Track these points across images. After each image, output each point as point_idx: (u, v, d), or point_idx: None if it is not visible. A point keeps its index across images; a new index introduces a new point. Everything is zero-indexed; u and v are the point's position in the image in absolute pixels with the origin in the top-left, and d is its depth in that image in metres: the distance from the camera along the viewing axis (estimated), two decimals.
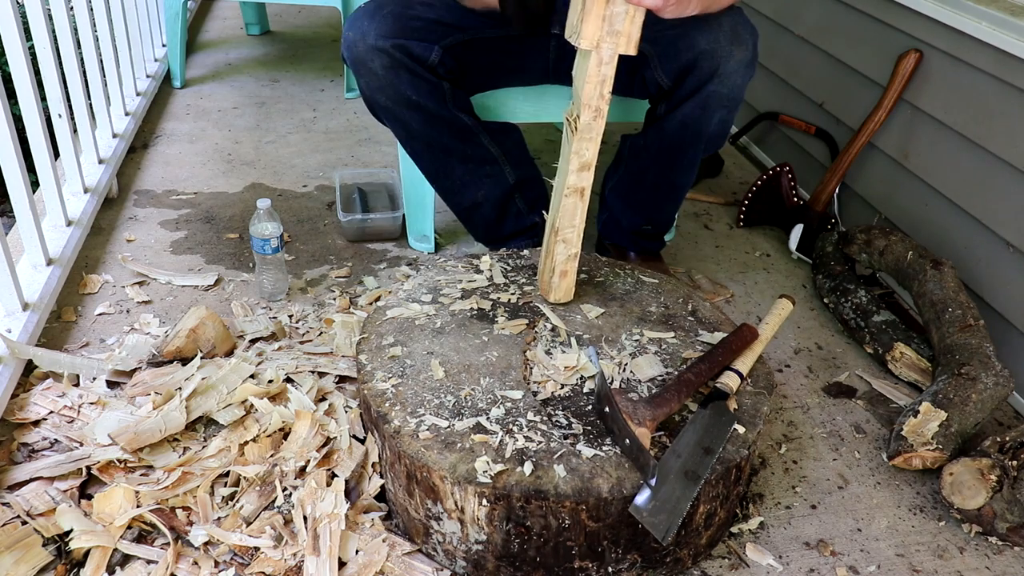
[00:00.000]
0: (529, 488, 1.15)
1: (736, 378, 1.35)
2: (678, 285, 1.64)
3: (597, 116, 1.33)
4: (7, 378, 1.46)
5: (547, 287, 1.53)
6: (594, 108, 1.32)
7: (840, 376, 1.78)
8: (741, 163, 2.74)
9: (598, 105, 1.32)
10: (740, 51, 1.57)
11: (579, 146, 1.36)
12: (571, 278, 1.52)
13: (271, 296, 1.85)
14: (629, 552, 1.21)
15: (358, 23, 1.61)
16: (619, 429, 1.21)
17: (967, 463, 1.41)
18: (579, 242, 1.48)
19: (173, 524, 1.27)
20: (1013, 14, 1.71)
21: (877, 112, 2.07)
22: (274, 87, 3.08)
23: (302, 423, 1.41)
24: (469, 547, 1.23)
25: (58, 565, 1.21)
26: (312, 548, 1.22)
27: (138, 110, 2.59)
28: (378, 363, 1.37)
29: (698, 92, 1.61)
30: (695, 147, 1.73)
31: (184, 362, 1.55)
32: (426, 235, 2.08)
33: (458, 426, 1.24)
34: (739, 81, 1.61)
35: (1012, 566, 1.37)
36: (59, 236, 1.88)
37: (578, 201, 1.43)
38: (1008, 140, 1.72)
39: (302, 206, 2.28)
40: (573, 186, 1.40)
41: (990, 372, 1.56)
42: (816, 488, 1.49)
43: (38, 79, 1.84)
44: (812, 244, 2.17)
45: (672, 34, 1.59)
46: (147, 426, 1.37)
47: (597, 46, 1.26)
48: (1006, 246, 1.74)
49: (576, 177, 1.39)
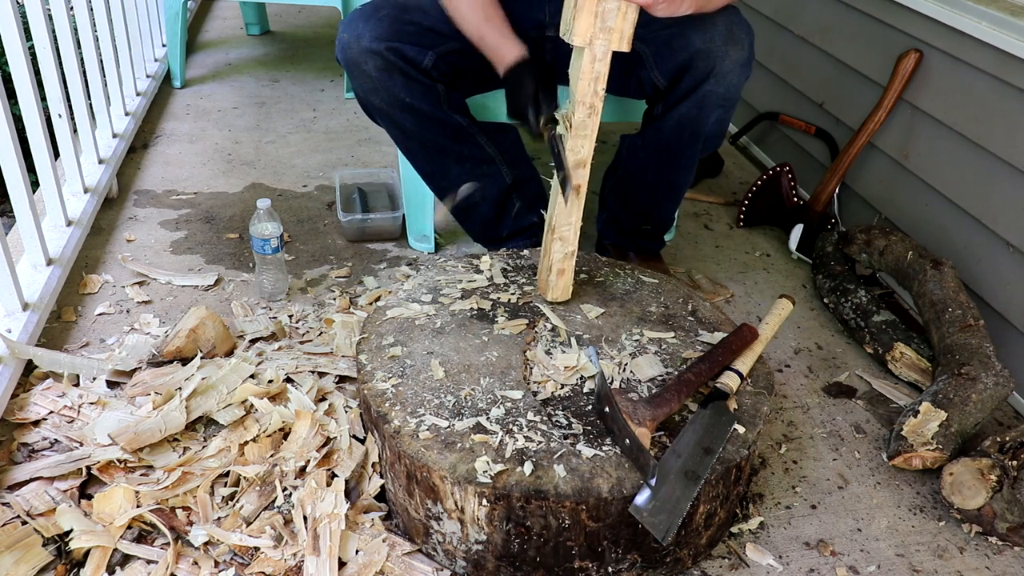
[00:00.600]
0: (529, 488, 1.15)
1: (736, 378, 1.35)
2: (678, 285, 1.64)
3: (591, 113, 1.33)
4: (7, 378, 1.46)
5: (545, 285, 1.53)
6: (588, 105, 1.32)
7: (840, 376, 1.78)
8: (741, 163, 2.74)
9: (592, 102, 1.32)
10: (736, 50, 1.57)
11: (574, 143, 1.36)
12: (568, 276, 1.52)
13: (271, 296, 1.85)
14: (629, 552, 1.21)
15: (353, 25, 1.61)
16: (619, 429, 1.21)
17: (967, 463, 1.41)
18: (576, 240, 1.48)
19: (173, 524, 1.27)
20: (1013, 14, 1.71)
21: (877, 112, 2.07)
22: (274, 87, 3.08)
23: (302, 423, 1.41)
24: (469, 547, 1.23)
25: (58, 565, 1.21)
26: (312, 548, 1.22)
27: (138, 110, 2.59)
28: (378, 363, 1.37)
29: (694, 92, 1.61)
30: (693, 147, 1.73)
31: (184, 362, 1.55)
32: (426, 235, 2.08)
33: (458, 426, 1.24)
34: (735, 81, 1.61)
35: (1012, 566, 1.37)
36: (59, 236, 1.88)
37: (575, 200, 1.43)
38: (1008, 140, 1.72)
39: (302, 206, 2.28)
40: (573, 185, 1.40)
41: (990, 372, 1.56)
42: (816, 488, 1.49)
43: (38, 79, 1.84)
44: (812, 244, 2.17)
45: (667, 34, 1.59)
46: (147, 426, 1.37)
47: (590, 43, 1.26)
48: (1006, 246, 1.74)
49: (574, 175, 1.40)
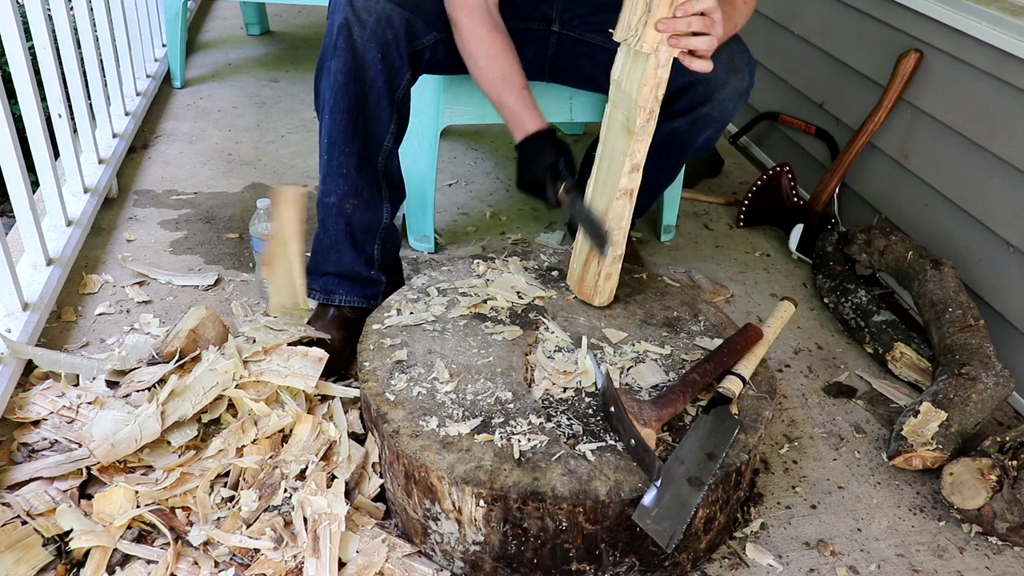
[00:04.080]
0: (526, 489, 1.14)
1: (739, 382, 1.35)
2: (682, 288, 1.64)
3: (650, 118, 1.33)
4: (7, 378, 1.46)
5: (590, 292, 1.53)
6: (648, 110, 1.32)
7: (840, 376, 1.78)
8: (741, 163, 2.74)
9: (652, 107, 1.32)
10: (736, 79, 1.59)
11: (633, 147, 1.35)
12: (615, 280, 1.52)
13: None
14: (627, 555, 1.21)
15: None
16: (624, 429, 1.21)
17: (967, 463, 1.41)
18: (624, 244, 1.48)
19: (173, 524, 1.27)
20: (1013, 14, 1.70)
21: (877, 112, 2.07)
22: (274, 87, 3.08)
23: (302, 425, 1.41)
24: (467, 548, 1.23)
25: (58, 565, 1.21)
26: (312, 550, 1.22)
27: (138, 110, 2.59)
28: (378, 363, 1.37)
29: (689, 112, 1.63)
30: (680, 156, 1.76)
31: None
32: (426, 235, 2.08)
33: (457, 426, 1.24)
34: (731, 107, 1.63)
35: (1012, 566, 1.37)
36: (59, 236, 1.88)
37: (627, 203, 1.43)
38: (1008, 140, 1.72)
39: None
40: (624, 188, 1.40)
41: (990, 372, 1.56)
42: (816, 488, 1.49)
43: (38, 79, 1.84)
44: (812, 244, 2.17)
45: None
46: (123, 436, 1.35)
47: (656, 50, 1.27)
48: (1006, 246, 1.74)
49: (627, 179, 1.39)
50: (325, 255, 1.65)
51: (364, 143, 1.55)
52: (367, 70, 1.49)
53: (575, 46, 1.72)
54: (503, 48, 1.53)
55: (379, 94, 1.51)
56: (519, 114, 1.51)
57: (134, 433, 1.35)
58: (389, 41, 1.48)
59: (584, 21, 1.69)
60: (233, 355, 1.46)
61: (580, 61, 1.73)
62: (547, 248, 1.98)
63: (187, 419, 1.40)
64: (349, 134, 1.53)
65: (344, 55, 1.47)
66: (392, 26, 1.47)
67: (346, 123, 1.52)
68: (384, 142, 1.58)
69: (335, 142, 1.54)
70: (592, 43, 1.69)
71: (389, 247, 1.71)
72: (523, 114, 1.50)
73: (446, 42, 1.58)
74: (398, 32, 1.49)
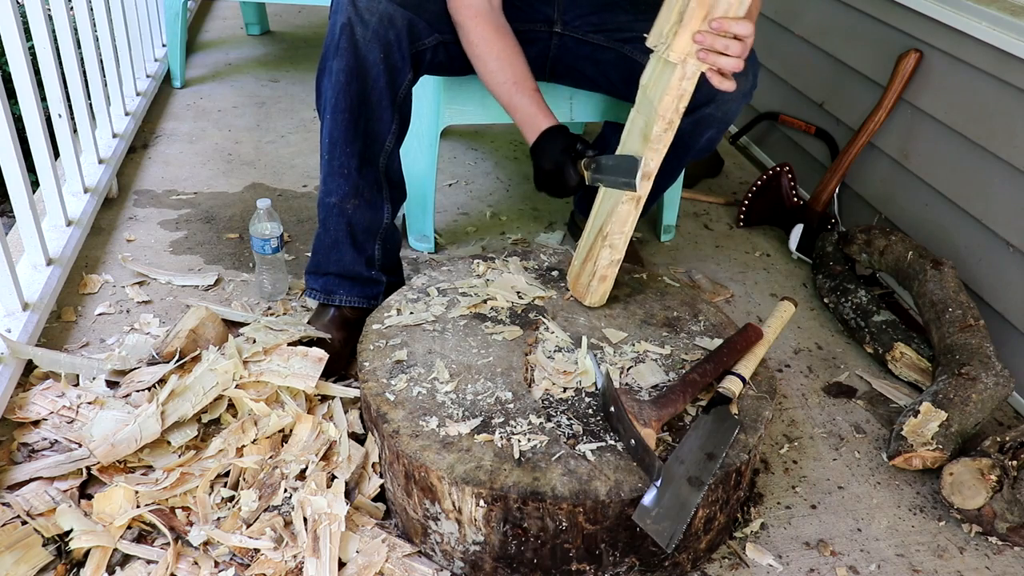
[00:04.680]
0: (526, 489, 1.15)
1: (739, 382, 1.35)
2: (682, 288, 1.64)
3: (668, 128, 1.32)
4: (7, 378, 1.46)
5: (583, 291, 1.53)
6: (668, 120, 1.31)
7: (840, 376, 1.78)
8: (741, 163, 2.74)
9: (672, 118, 1.31)
10: (741, 81, 1.58)
11: (647, 155, 1.35)
12: (609, 283, 1.52)
13: (271, 296, 1.85)
14: (627, 555, 1.21)
15: None
16: (624, 429, 1.21)
17: (967, 463, 1.41)
18: (624, 248, 1.48)
19: (173, 524, 1.27)
20: (1013, 14, 1.70)
21: (877, 112, 2.07)
22: (274, 87, 3.08)
23: (302, 425, 1.41)
24: (467, 548, 1.23)
25: (58, 565, 1.21)
26: (312, 550, 1.22)
27: (138, 110, 2.59)
28: (378, 363, 1.37)
29: (693, 112, 1.62)
30: (681, 157, 1.76)
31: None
32: (426, 235, 2.08)
33: (457, 426, 1.24)
34: (734, 108, 1.63)
35: (1012, 566, 1.37)
36: (59, 236, 1.88)
37: (632, 208, 1.42)
38: (1008, 140, 1.72)
39: (302, 206, 2.28)
40: (632, 194, 1.39)
41: (990, 372, 1.56)
42: (816, 488, 1.49)
43: (38, 79, 1.84)
44: (812, 244, 2.17)
45: None
46: (123, 436, 1.35)
47: (684, 61, 1.26)
48: (1006, 246, 1.74)
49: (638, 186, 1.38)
50: (326, 255, 1.66)
51: (365, 143, 1.56)
52: (369, 70, 1.49)
53: (577, 47, 1.72)
54: (512, 50, 1.54)
55: (381, 94, 1.52)
56: (533, 114, 1.51)
57: (134, 433, 1.35)
58: (391, 41, 1.48)
59: (586, 21, 1.69)
60: (233, 355, 1.46)
61: (581, 62, 1.73)
62: (547, 248, 1.98)
63: (187, 419, 1.40)
64: (350, 134, 1.53)
65: (346, 55, 1.47)
66: (394, 26, 1.47)
67: (347, 123, 1.52)
68: (385, 142, 1.58)
69: (336, 142, 1.54)
70: (594, 43, 1.69)
71: (390, 247, 1.72)
72: (537, 114, 1.51)
73: (448, 44, 1.58)
74: (400, 32, 1.49)
